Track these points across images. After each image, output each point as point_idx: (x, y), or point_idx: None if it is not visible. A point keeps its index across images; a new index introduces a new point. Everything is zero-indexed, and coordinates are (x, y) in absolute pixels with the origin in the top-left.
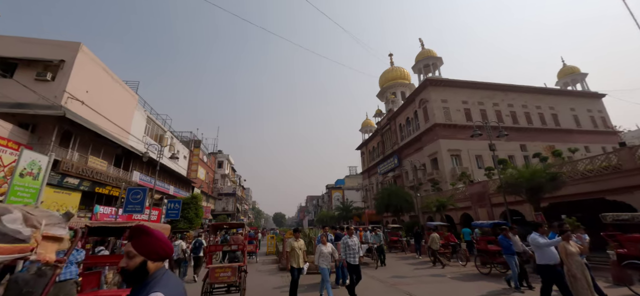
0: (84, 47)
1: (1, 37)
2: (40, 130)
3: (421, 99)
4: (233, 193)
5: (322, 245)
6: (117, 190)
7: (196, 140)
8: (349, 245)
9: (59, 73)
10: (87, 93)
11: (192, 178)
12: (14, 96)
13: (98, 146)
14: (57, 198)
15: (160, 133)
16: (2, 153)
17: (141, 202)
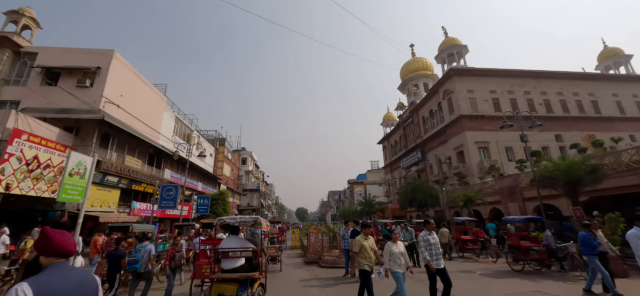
0: (116, 54)
1: (46, 48)
2: (83, 133)
3: (445, 90)
4: (257, 189)
5: (392, 244)
6: (151, 187)
7: (221, 138)
8: (431, 243)
9: (97, 79)
10: (122, 96)
11: (218, 175)
12: (59, 102)
13: (133, 146)
14: (100, 195)
15: (187, 132)
16: (52, 154)
17: (174, 198)
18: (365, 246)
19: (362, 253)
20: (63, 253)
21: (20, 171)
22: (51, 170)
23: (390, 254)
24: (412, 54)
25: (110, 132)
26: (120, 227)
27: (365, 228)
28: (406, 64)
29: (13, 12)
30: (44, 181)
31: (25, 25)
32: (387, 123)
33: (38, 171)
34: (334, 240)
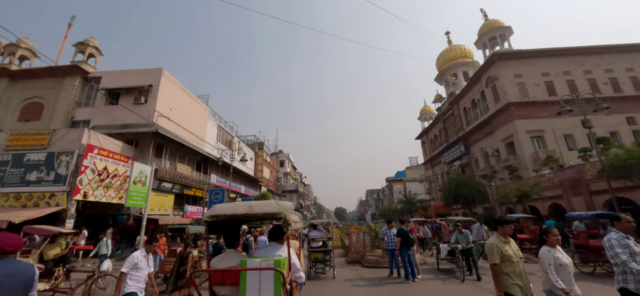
0: (165, 71)
1: (107, 72)
2: (141, 144)
3: (489, 77)
4: (296, 190)
5: (555, 252)
6: (201, 191)
7: (259, 142)
8: (563, 263)
9: (150, 96)
10: (171, 110)
11: (259, 177)
12: (121, 118)
13: (183, 154)
14: (158, 200)
15: (229, 138)
16: (118, 165)
17: (221, 201)
18: (509, 253)
19: (507, 265)
20: (5, 253)
21: (94, 181)
22: (118, 179)
23: (558, 264)
24: (448, 42)
25: (163, 143)
26: (177, 229)
27: (503, 226)
28: (443, 53)
29: (80, 44)
30: (113, 189)
31: (90, 53)
32: (424, 117)
33: (108, 180)
34: (376, 240)
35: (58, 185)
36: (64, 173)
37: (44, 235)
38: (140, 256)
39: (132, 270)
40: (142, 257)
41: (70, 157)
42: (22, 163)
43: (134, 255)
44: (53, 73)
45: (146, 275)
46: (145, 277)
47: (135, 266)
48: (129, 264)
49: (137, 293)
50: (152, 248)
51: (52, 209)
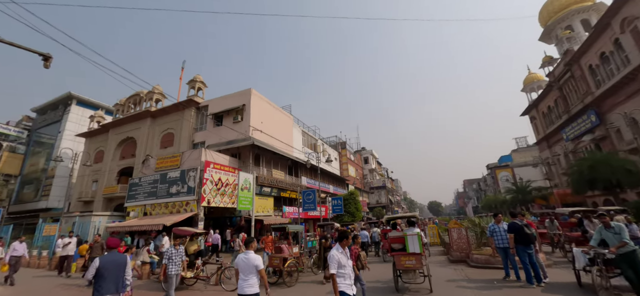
0: (253, 91)
1: (211, 100)
2: (243, 156)
3: (625, 19)
4: (383, 186)
5: None
6: (294, 193)
7: (341, 142)
8: None
9: (244, 114)
10: (262, 123)
11: (345, 176)
12: (225, 136)
13: (276, 161)
14: (261, 203)
15: (313, 142)
16: (228, 175)
17: (313, 201)
18: None
19: None
20: (111, 248)
21: (213, 190)
22: (229, 187)
23: None
24: None
25: (259, 153)
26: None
27: None
28: (547, 4)
29: (191, 81)
30: (227, 195)
31: (199, 87)
32: (530, 87)
33: (222, 188)
34: (482, 236)
35: (190, 195)
36: (193, 185)
37: (186, 234)
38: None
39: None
40: None
41: (195, 172)
42: (166, 179)
43: (331, 253)
44: (176, 108)
45: None
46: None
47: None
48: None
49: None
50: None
51: (188, 214)
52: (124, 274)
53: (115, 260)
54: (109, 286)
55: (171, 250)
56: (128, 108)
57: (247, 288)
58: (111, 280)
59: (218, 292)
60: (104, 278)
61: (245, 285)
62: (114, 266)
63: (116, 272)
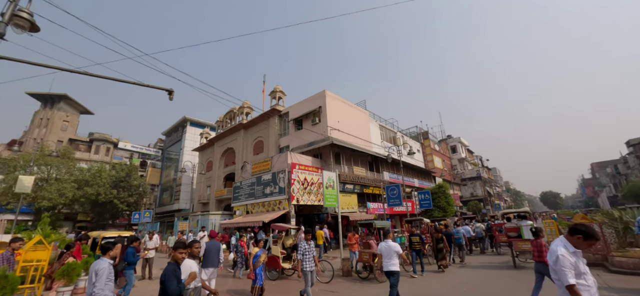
0: (327, 92)
1: (291, 106)
2: (324, 156)
3: None
4: (477, 177)
5: None
6: (377, 188)
7: (423, 132)
8: None
9: (321, 115)
10: (338, 122)
11: (430, 168)
12: (306, 138)
13: (356, 158)
14: (345, 199)
15: (392, 135)
16: (312, 175)
17: (398, 196)
18: None
19: None
20: (211, 237)
21: (300, 189)
22: (314, 186)
23: None
24: None
25: (338, 151)
26: (365, 223)
27: None
28: None
29: (272, 92)
30: (313, 194)
31: (279, 96)
32: None
33: (309, 187)
34: (626, 234)
35: (282, 195)
36: (283, 185)
37: (283, 230)
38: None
39: None
40: None
41: (284, 174)
42: (261, 182)
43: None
44: (262, 118)
45: None
46: None
47: None
48: None
49: None
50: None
51: (281, 212)
52: (218, 255)
53: (214, 245)
54: (212, 260)
55: (304, 244)
56: (226, 123)
57: (391, 266)
58: (213, 256)
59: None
60: (208, 255)
61: (389, 264)
62: (214, 248)
63: (215, 253)
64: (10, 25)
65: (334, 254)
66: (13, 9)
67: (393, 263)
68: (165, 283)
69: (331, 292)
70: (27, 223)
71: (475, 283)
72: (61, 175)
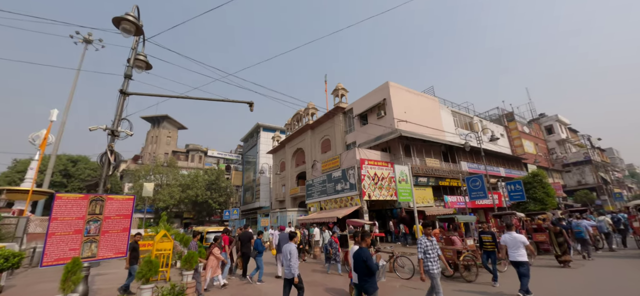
0: (390, 83)
1: (355, 102)
2: (393, 150)
3: None
4: (586, 161)
5: None
6: (455, 180)
7: (506, 113)
8: None
9: (386, 108)
10: (405, 113)
11: (519, 154)
12: (372, 133)
13: (427, 149)
14: (418, 193)
15: (467, 121)
16: (382, 169)
17: (482, 188)
18: None
19: None
20: (281, 230)
21: (371, 184)
22: (385, 180)
23: None
24: None
25: (408, 143)
26: (445, 218)
27: None
28: None
29: (335, 90)
30: (384, 189)
31: (342, 94)
32: None
33: (379, 182)
34: None
35: (353, 191)
36: (353, 182)
37: (358, 225)
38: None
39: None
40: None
41: (353, 170)
42: (332, 179)
43: (421, 240)
44: (327, 117)
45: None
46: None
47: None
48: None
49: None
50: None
51: (354, 208)
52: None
53: (284, 235)
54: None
55: (424, 241)
56: (293, 125)
57: (518, 256)
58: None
59: (393, 279)
60: (280, 244)
61: (517, 255)
62: (284, 239)
63: (284, 242)
64: (133, 68)
65: (412, 250)
66: (134, 55)
67: (520, 253)
68: (368, 261)
69: (413, 288)
70: (149, 220)
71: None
72: (170, 181)
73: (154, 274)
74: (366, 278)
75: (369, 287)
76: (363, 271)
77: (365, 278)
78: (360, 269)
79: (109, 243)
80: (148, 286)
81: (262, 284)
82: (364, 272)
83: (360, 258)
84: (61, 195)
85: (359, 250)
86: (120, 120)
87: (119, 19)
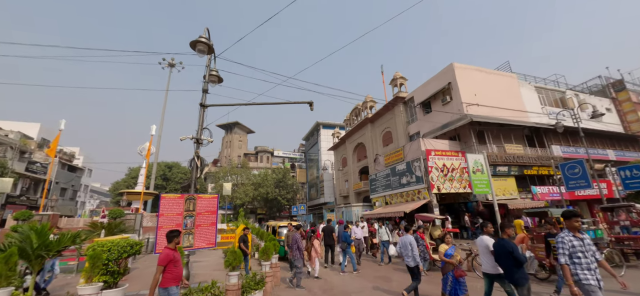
0: (455, 64)
1: (415, 90)
2: (463, 137)
3: None
4: None
5: None
6: (545, 168)
7: (614, 81)
8: None
9: (452, 92)
10: (475, 95)
11: (635, 131)
12: (438, 121)
13: (506, 133)
14: (498, 184)
15: (558, 96)
16: (451, 160)
17: (583, 176)
18: None
19: None
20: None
21: (440, 176)
22: (456, 171)
23: None
24: None
25: (481, 129)
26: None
27: None
28: None
29: (393, 80)
30: (456, 180)
31: (401, 83)
32: None
33: (449, 174)
34: None
35: (420, 184)
36: (420, 174)
37: (427, 220)
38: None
39: None
40: None
41: (419, 162)
42: (396, 172)
43: None
44: (387, 109)
45: None
46: None
47: None
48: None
49: None
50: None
51: (422, 202)
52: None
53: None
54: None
55: (569, 238)
56: (352, 120)
57: None
58: None
59: (473, 278)
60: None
61: None
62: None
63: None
64: (209, 82)
65: None
66: (209, 71)
67: None
68: (515, 252)
69: (499, 290)
70: (229, 216)
71: None
72: (243, 180)
73: (238, 263)
74: (514, 269)
75: (519, 278)
76: (510, 262)
77: (513, 269)
78: (505, 261)
79: (202, 235)
80: (234, 273)
81: (344, 275)
82: (511, 264)
83: (505, 250)
84: (165, 195)
85: (502, 240)
86: (202, 129)
87: (195, 42)
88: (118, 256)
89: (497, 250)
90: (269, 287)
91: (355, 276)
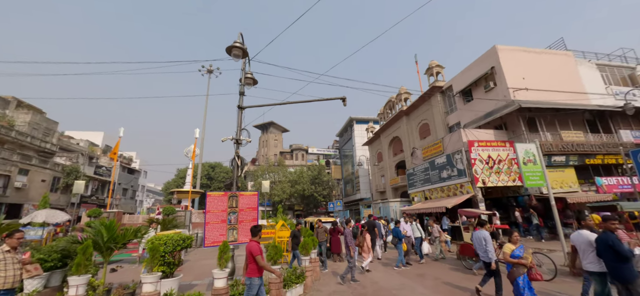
0: (498, 46)
1: (453, 78)
2: (510, 126)
3: None
4: None
5: None
6: (611, 157)
7: None
8: None
9: (496, 78)
10: (524, 79)
11: None
12: (481, 109)
13: (562, 119)
14: (555, 176)
15: (626, 74)
16: (498, 151)
17: None
18: None
19: None
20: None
21: (485, 169)
22: (504, 163)
23: None
24: None
25: (532, 115)
26: (597, 206)
27: None
28: None
29: (428, 69)
30: (503, 173)
31: (437, 71)
32: None
33: (496, 166)
34: None
35: (462, 178)
36: (462, 167)
37: (472, 216)
38: None
39: None
40: None
41: (460, 154)
42: (435, 166)
43: None
44: (423, 99)
45: None
46: None
47: None
48: None
49: None
50: None
51: (465, 196)
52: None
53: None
54: None
55: None
56: (386, 114)
57: None
58: None
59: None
60: None
61: None
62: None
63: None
64: (245, 85)
65: (549, 246)
66: (244, 74)
67: None
68: (616, 246)
69: (558, 292)
70: (268, 212)
71: None
72: (280, 178)
73: (279, 257)
74: (618, 264)
75: (625, 274)
76: (611, 257)
77: (617, 264)
78: (606, 256)
79: (244, 230)
80: (276, 267)
81: (399, 269)
82: (613, 258)
83: (606, 243)
84: (210, 193)
85: (604, 234)
86: (241, 130)
87: (230, 47)
88: (173, 249)
89: (599, 244)
90: (309, 281)
91: (396, 272)
